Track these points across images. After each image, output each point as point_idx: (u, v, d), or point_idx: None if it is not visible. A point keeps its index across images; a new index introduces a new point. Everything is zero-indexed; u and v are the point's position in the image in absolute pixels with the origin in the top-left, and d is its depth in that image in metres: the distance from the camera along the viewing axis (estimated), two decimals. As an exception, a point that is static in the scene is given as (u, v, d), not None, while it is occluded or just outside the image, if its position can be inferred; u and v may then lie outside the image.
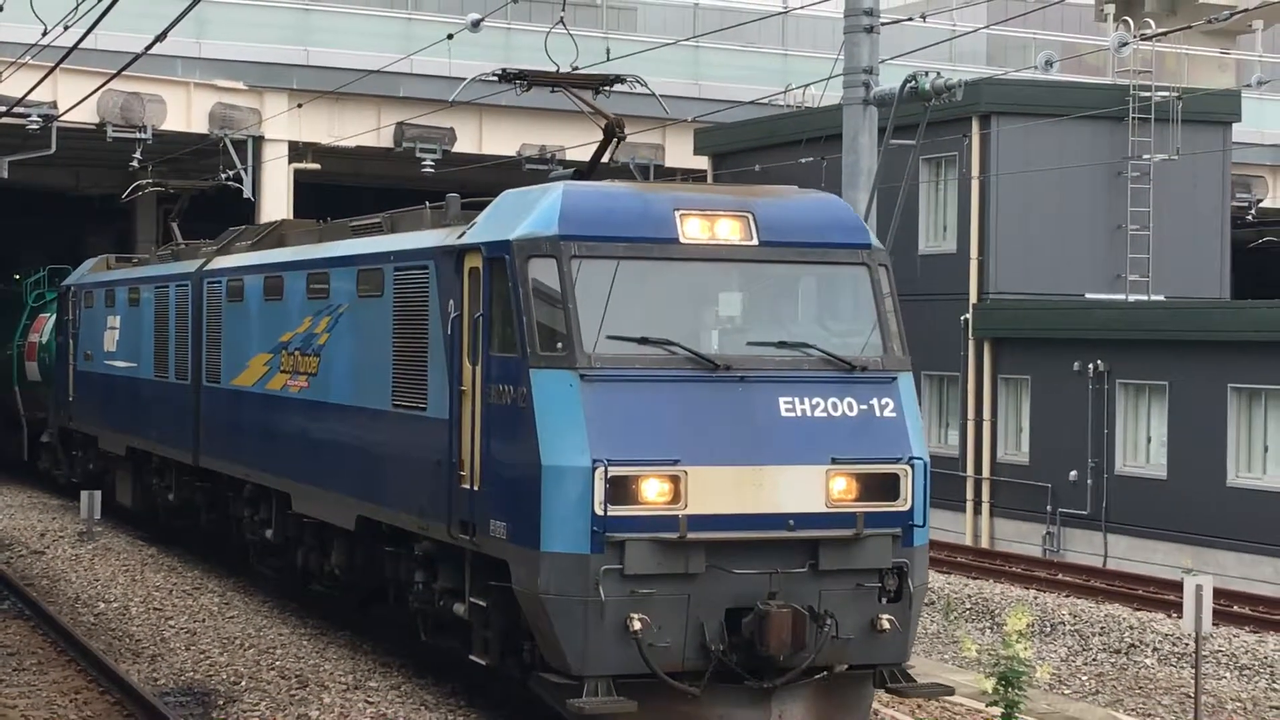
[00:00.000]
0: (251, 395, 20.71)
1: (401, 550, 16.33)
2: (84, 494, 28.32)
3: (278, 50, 38.97)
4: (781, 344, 13.82)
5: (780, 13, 37.19)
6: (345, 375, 17.60)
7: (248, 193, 38.11)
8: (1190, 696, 18.33)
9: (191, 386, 23.25)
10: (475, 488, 14.12)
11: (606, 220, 13.73)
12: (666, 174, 41.37)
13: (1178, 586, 20.40)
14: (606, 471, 12.90)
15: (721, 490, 13.17)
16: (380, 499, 16.54)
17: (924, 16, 30.07)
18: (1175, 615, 22.89)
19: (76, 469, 31.48)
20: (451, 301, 14.73)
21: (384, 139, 39.78)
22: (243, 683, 17.17)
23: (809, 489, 13.38)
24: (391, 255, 16.42)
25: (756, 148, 39.63)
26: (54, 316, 34.46)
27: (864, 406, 13.73)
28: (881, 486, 13.62)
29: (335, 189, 43.23)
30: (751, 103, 37.16)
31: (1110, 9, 46.98)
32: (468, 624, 14.80)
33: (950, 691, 14.55)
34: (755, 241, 13.98)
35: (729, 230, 13.97)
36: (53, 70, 27.60)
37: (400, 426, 15.99)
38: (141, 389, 26.07)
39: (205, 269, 23.04)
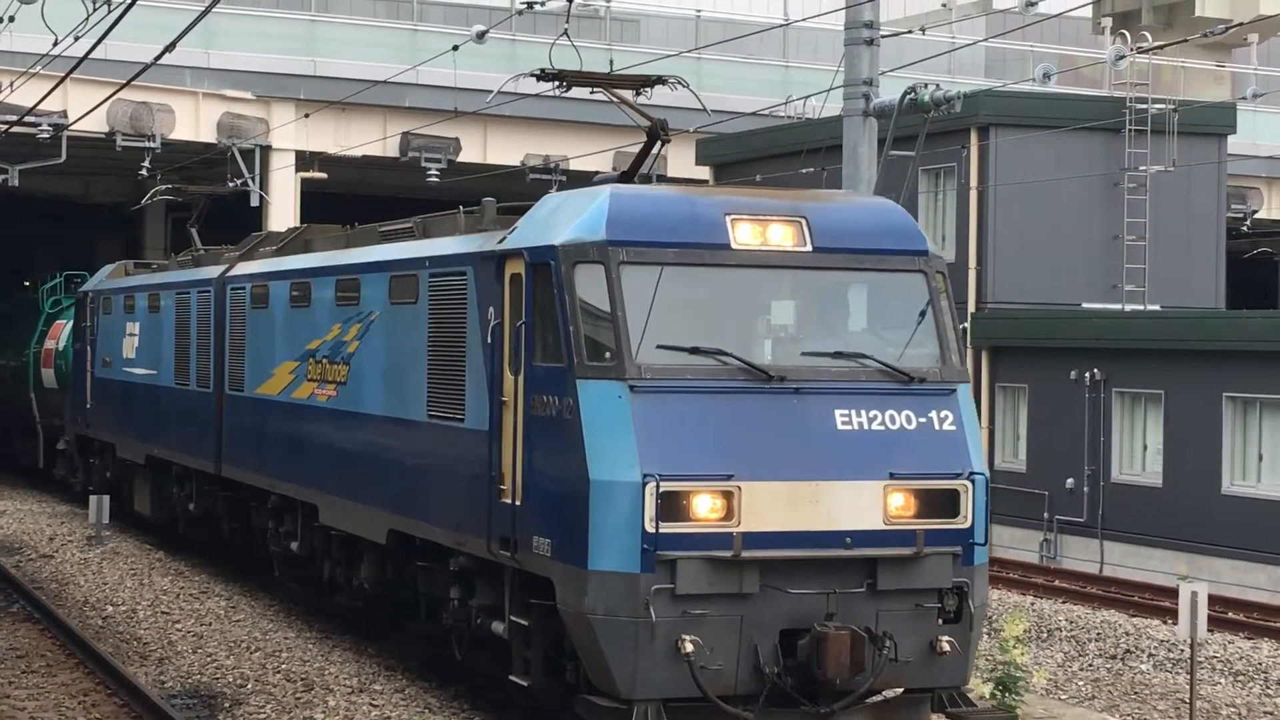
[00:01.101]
0: (277, 404, 19.95)
1: (436, 565, 15.62)
2: (92, 499, 28.31)
3: (285, 61, 38.97)
4: (837, 354, 13.18)
5: (781, 25, 37.23)
6: (377, 384, 16.89)
7: (255, 201, 38.08)
8: (1185, 702, 18.31)
9: (214, 394, 22.52)
10: (517, 502, 13.42)
11: (655, 225, 13.05)
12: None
13: (1173, 593, 20.37)
14: (658, 487, 12.21)
15: (776, 506, 12.52)
16: (414, 512, 15.80)
17: (923, 29, 30.08)
18: (1171, 621, 22.86)
19: (93, 477, 30.78)
20: (491, 309, 14.01)
21: (390, 148, 39.74)
22: (249, 685, 17.16)
23: (866, 505, 12.74)
24: (427, 261, 15.68)
25: (757, 158, 39.59)
26: (70, 323, 33.94)
27: (922, 419, 13.10)
28: (941, 503, 13.02)
29: (341, 197, 43.23)
30: (753, 114, 37.14)
31: (1107, 22, 46.97)
32: (507, 643, 14.16)
33: (1014, 717, 13.93)
34: (809, 247, 13.33)
35: (781, 236, 13.30)
36: (63, 80, 27.63)
37: (436, 438, 15.27)
38: (161, 397, 25.31)
39: (228, 275, 22.37)
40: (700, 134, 38.79)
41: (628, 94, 15.58)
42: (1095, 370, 32.65)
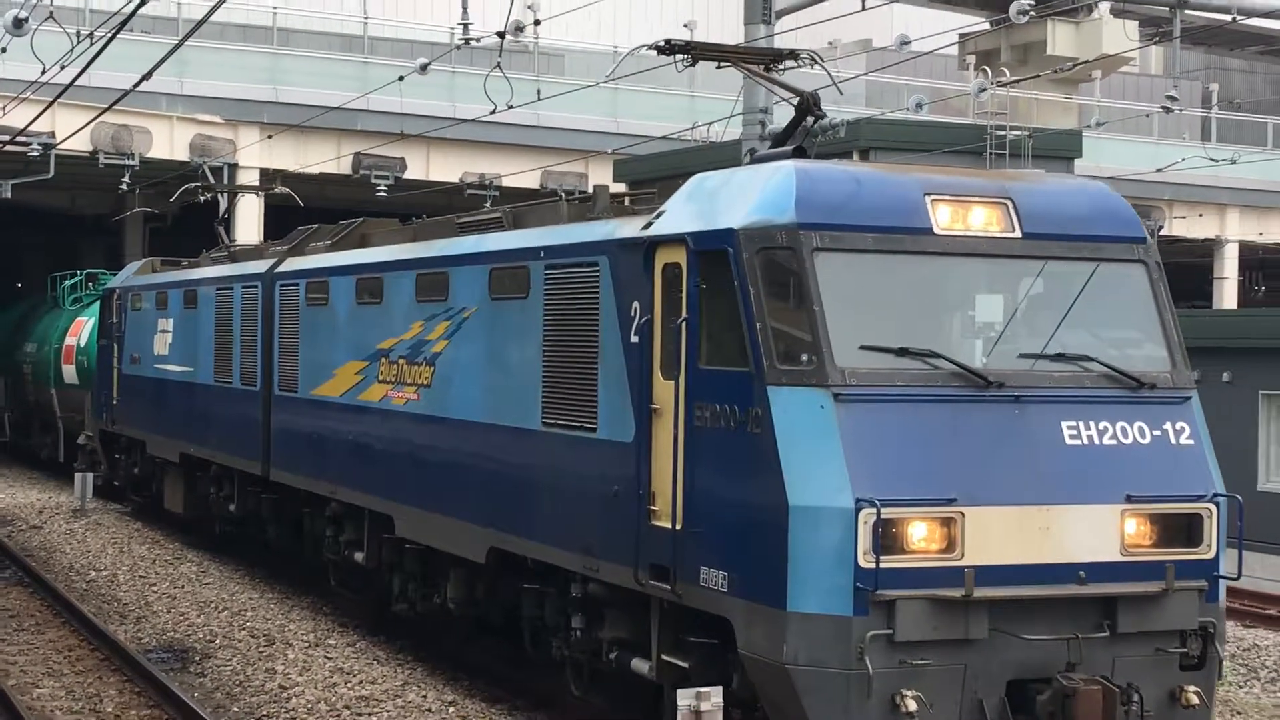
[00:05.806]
0: (340, 406, 16.63)
1: (548, 589, 12.63)
2: (77, 475, 28.01)
3: (251, 89, 38.69)
4: (1058, 356, 10.26)
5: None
6: (472, 388, 13.62)
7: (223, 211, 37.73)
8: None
9: (261, 393, 19.13)
10: (676, 527, 10.42)
11: (849, 206, 10.12)
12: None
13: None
14: (878, 513, 9.29)
15: (1003, 536, 9.63)
16: (523, 530, 12.66)
17: (812, 63, 30.13)
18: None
19: (119, 473, 27.32)
20: (636, 304, 10.99)
21: (344, 166, 39.56)
22: (217, 641, 17.02)
23: (1101, 533, 9.87)
24: (542, 251, 12.45)
25: (668, 176, 39.52)
26: (92, 320, 31.25)
27: (1156, 432, 10.23)
28: (1182, 530, 10.14)
29: (298, 210, 42.93)
30: (663, 138, 37.18)
31: (971, 59, 47.36)
32: (655, 684, 11.31)
33: None
34: (1017, 234, 10.44)
35: (985, 220, 10.40)
36: (51, 104, 27.26)
37: (555, 449, 12.17)
38: (199, 394, 21.76)
39: (278, 270, 18.97)
40: (617, 155, 38.81)
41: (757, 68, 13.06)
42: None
